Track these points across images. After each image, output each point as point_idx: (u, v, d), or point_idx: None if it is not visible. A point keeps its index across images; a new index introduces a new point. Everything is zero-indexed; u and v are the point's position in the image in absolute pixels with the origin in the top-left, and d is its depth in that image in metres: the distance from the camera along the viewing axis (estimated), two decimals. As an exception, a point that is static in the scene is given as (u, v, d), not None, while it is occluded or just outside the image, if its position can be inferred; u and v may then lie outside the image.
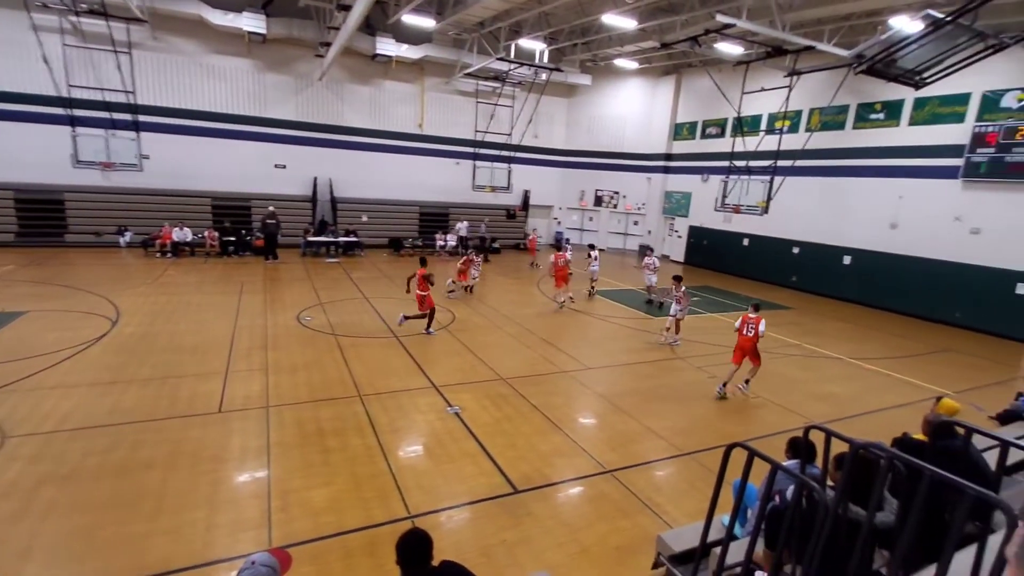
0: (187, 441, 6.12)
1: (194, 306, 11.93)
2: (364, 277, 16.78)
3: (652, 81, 25.39)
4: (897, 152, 16.75)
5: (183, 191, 19.62)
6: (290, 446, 6.18)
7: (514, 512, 5.22)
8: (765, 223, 19.27)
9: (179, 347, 9.21)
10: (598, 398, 8.42)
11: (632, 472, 6.16)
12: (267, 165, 20.97)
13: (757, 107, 19.55)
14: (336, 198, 22.05)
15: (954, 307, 15.24)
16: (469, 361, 9.62)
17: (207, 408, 7.00)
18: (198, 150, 19.71)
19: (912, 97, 15.82)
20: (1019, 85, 13.99)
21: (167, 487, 5.22)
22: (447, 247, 22.77)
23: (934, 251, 15.75)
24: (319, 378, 8.28)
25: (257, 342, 9.77)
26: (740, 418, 7.96)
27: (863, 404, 8.85)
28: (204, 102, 19.63)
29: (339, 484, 5.47)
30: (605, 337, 12.09)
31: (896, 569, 2.61)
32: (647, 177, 26.19)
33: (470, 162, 23.88)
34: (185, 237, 18.41)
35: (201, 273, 15.90)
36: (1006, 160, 14.13)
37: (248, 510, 4.97)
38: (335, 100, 21.78)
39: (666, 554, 4.30)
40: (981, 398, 9.07)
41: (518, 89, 23.14)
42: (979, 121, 14.76)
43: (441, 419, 7.18)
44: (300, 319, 11.47)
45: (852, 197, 18.03)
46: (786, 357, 11.26)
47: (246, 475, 5.60)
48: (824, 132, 18.27)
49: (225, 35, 18.80)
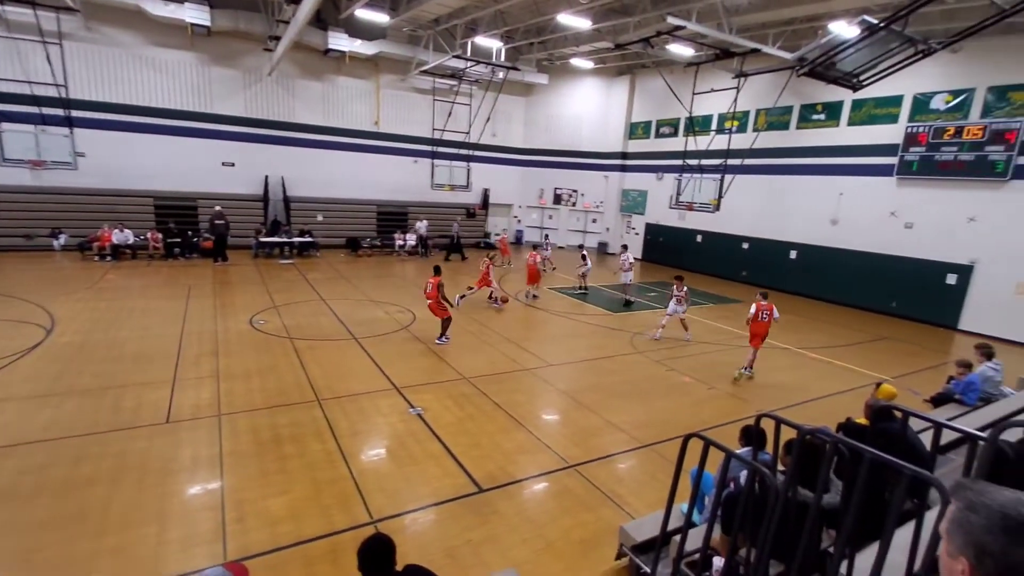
0: (132, 454, 5.81)
1: (137, 312, 11.33)
2: (320, 278, 16.36)
3: (607, 81, 25.80)
4: (837, 151, 17.65)
5: (123, 191, 18.56)
6: (245, 455, 5.96)
7: (479, 511, 5.22)
8: (717, 220, 19.95)
9: (121, 355, 8.72)
10: (560, 394, 8.50)
11: (594, 466, 6.26)
12: (214, 163, 20.10)
13: (708, 107, 20.19)
14: (289, 197, 21.38)
15: (891, 297, 16.21)
16: (431, 361, 9.53)
17: (154, 419, 6.66)
18: (139, 147, 18.69)
19: (850, 99, 16.70)
20: (946, 88, 14.99)
21: (112, 503, 4.95)
22: (406, 247, 22.48)
23: (872, 245, 16.71)
24: (274, 383, 8.02)
25: (207, 348, 9.36)
26: (697, 409, 8.21)
27: (810, 391, 9.29)
28: (145, 97, 18.62)
29: (298, 492, 5.32)
30: (567, 334, 12.22)
31: (842, 547, 2.76)
32: (604, 175, 26.62)
33: (428, 160, 23.65)
34: (126, 239, 17.45)
35: (144, 277, 15.11)
36: (935, 159, 15.12)
37: (201, 523, 4.77)
38: (286, 96, 21.10)
39: (628, 544, 4.40)
40: (916, 382, 9.69)
41: (475, 87, 23.07)
42: (911, 122, 15.73)
43: (403, 421, 7.09)
44: (253, 323, 11.07)
45: (796, 194, 18.88)
46: (738, 349, 11.68)
47: (198, 487, 5.37)
48: (770, 132, 19.05)
49: (166, 26, 17.87)
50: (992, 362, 7.62)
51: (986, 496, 0.99)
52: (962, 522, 1.00)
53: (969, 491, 1.02)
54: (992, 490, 0.99)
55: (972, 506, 0.99)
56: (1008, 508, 0.95)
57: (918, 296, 15.68)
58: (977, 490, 1.01)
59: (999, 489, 0.99)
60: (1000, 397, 7.36)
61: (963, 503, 1.01)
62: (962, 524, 1.00)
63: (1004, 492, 0.98)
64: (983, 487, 1.01)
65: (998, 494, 0.98)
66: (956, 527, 1.01)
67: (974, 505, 0.99)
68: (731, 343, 12.05)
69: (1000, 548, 0.93)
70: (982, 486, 1.01)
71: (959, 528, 1.00)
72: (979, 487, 1.01)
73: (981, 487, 1.01)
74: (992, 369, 7.56)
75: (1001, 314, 14.09)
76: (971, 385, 7.42)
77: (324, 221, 22.12)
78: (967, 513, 0.99)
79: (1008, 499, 0.96)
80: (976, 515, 0.98)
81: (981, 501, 0.99)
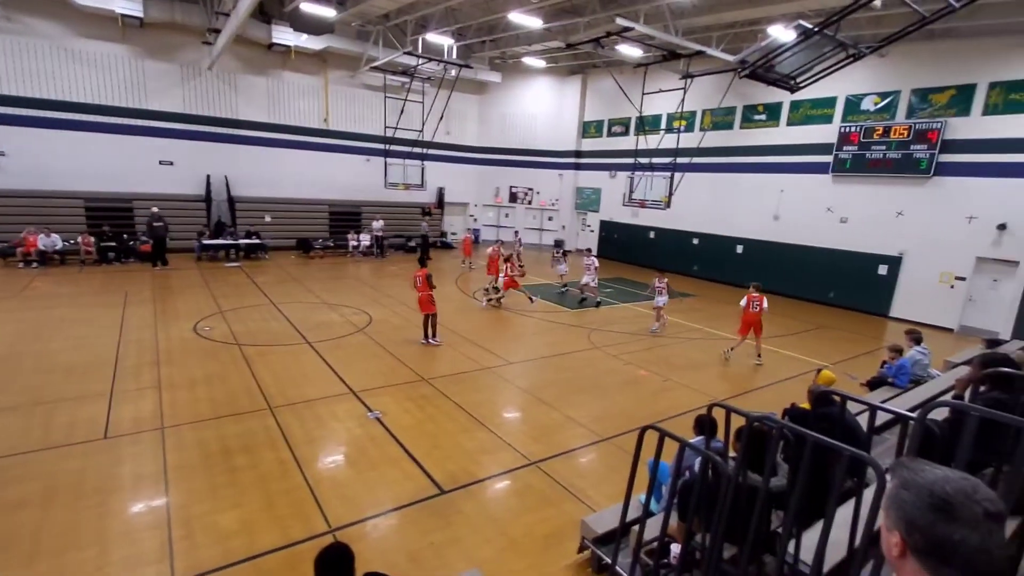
0: (66, 474, 5.43)
1: (68, 321, 10.59)
2: (270, 281, 15.78)
3: (560, 80, 26.06)
4: (778, 150, 18.51)
5: (49, 192, 17.31)
6: (192, 468, 5.68)
7: (442, 513, 5.17)
8: (668, 217, 20.53)
9: (51, 368, 8.13)
10: (521, 392, 8.54)
11: (556, 461, 6.32)
12: (151, 162, 19.02)
13: (657, 107, 20.71)
14: (234, 197, 20.48)
15: (829, 288, 17.15)
16: (388, 363, 9.37)
17: (89, 435, 6.24)
18: (67, 145, 17.46)
19: (789, 100, 17.53)
20: (875, 90, 15.98)
21: (44, 527, 4.60)
22: (360, 247, 21.99)
23: (811, 239, 17.63)
24: (222, 392, 7.67)
25: (147, 357, 8.86)
26: (653, 401, 8.43)
27: (758, 380, 9.72)
28: (73, 92, 17.41)
29: (250, 504, 5.11)
30: (525, 332, 12.28)
31: (789, 527, 2.89)
32: (559, 174, 26.89)
33: (381, 159, 23.19)
34: (54, 244, 16.26)
35: (76, 284, 14.15)
36: (866, 157, 16.09)
37: (145, 542, 4.51)
38: (229, 91, 20.20)
39: (590, 537, 4.47)
40: (854, 367, 10.29)
41: (428, 85, 22.79)
42: (844, 122, 16.68)
43: (361, 425, 6.94)
44: (198, 330, 10.56)
45: (741, 192, 19.69)
46: (689, 341, 12.09)
47: (140, 504, 5.07)
48: (716, 131, 19.76)
49: (95, 17, 16.77)
50: (920, 346, 8.18)
51: (917, 474, 1.05)
52: (896, 498, 1.06)
53: (905, 469, 1.08)
54: (925, 469, 1.05)
55: (905, 483, 1.05)
56: (935, 486, 1.01)
57: (853, 287, 16.66)
58: (912, 468, 1.07)
59: (932, 468, 1.05)
60: (928, 379, 7.91)
61: (898, 481, 1.07)
62: (895, 500, 1.06)
63: (935, 471, 1.04)
64: (917, 466, 1.07)
65: (929, 472, 1.04)
66: (891, 503, 1.07)
67: (907, 483, 1.05)
68: (684, 336, 12.43)
69: (926, 523, 0.99)
70: (917, 464, 1.07)
71: (893, 504, 1.06)
72: (914, 465, 1.07)
73: (916, 465, 1.07)
74: (920, 353, 8.12)
75: (927, 301, 15.17)
76: (902, 368, 7.94)
77: (272, 222, 21.34)
78: (900, 490, 1.06)
79: (936, 477, 1.02)
80: (907, 492, 1.04)
81: (912, 479, 1.05)
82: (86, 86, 17.62)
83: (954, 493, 0.98)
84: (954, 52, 14.41)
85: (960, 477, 1.02)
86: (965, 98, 14.28)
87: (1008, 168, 13.63)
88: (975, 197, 14.19)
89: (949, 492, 0.99)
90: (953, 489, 0.99)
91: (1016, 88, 13.47)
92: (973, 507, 0.96)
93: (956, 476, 1.02)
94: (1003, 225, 13.78)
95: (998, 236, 13.94)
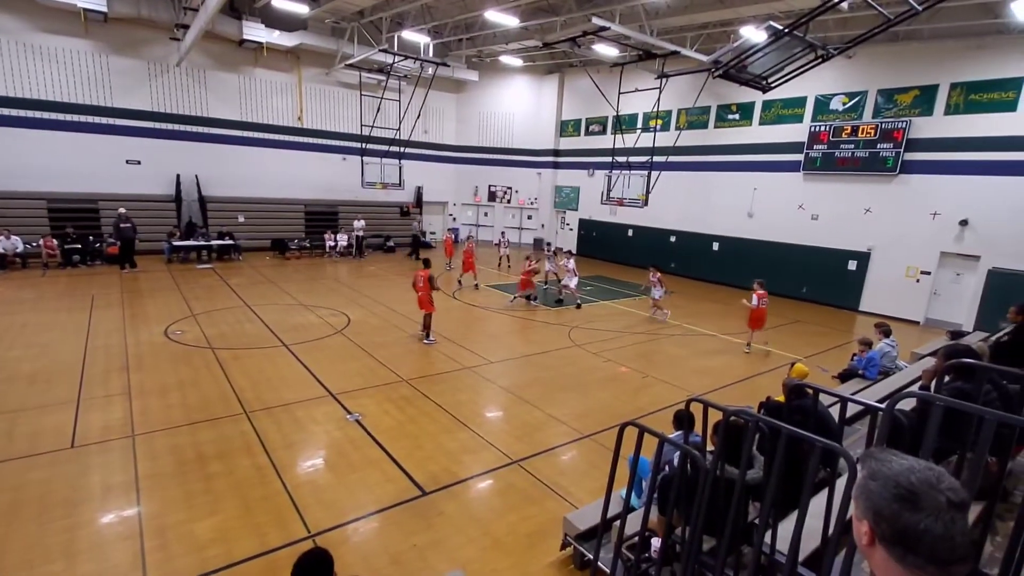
0: (30, 486, 5.23)
1: (31, 327, 10.21)
2: (244, 283, 15.46)
3: (537, 79, 26.11)
4: (751, 149, 18.87)
5: (9, 192, 16.65)
6: (164, 476, 5.53)
7: (424, 514, 5.14)
8: (646, 215, 20.77)
9: (13, 376, 7.83)
10: (502, 391, 8.54)
11: (537, 460, 6.34)
12: (117, 161, 18.44)
13: (633, 106, 20.90)
14: (205, 197, 20.01)
15: (802, 284, 17.56)
16: (367, 364, 9.26)
17: (55, 444, 6.03)
18: (26, 144, 16.82)
19: (761, 100, 17.88)
20: (843, 90, 16.40)
21: (8, 542, 4.43)
22: (337, 247, 21.70)
23: (783, 236, 18.03)
24: (196, 398, 7.49)
25: (116, 363, 8.60)
26: (633, 397, 8.51)
27: (735, 374, 9.89)
28: (33, 89, 16.78)
29: (226, 511, 5.00)
30: (505, 331, 12.29)
31: (765, 517, 2.95)
32: (537, 172, 26.94)
33: (358, 158, 22.92)
34: (14, 247, 15.64)
35: (39, 288, 13.64)
36: (835, 155, 16.51)
37: (116, 554, 4.37)
38: (198, 89, 19.71)
39: (572, 534, 4.50)
40: (826, 360, 10.57)
41: (404, 83, 22.60)
42: (813, 121, 17.09)
43: (340, 428, 6.85)
44: (169, 334, 10.29)
45: (716, 190, 20.02)
46: (668, 337, 12.25)
47: (111, 515, 4.92)
48: (691, 131, 20.06)
49: (56, 11, 16.18)
50: (889, 339, 8.44)
51: (884, 465, 1.08)
52: (864, 488, 1.09)
53: (873, 460, 1.11)
54: (892, 459, 1.08)
55: (872, 474, 1.09)
56: (900, 477, 1.04)
57: (825, 282, 17.10)
58: (879, 459, 1.10)
59: (899, 458, 1.08)
60: (897, 370, 8.17)
61: (867, 471, 1.10)
62: (864, 490, 1.09)
63: (901, 461, 1.07)
64: (885, 456, 1.10)
65: (895, 463, 1.07)
66: (860, 493, 1.11)
67: (874, 473, 1.08)
68: (664, 332, 12.58)
69: (891, 513, 1.02)
70: (885, 455, 1.10)
71: (862, 494, 1.10)
72: (882, 456, 1.10)
73: (884, 456, 1.10)
74: (889, 345, 8.38)
75: (894, 295, 15.66)
76: (872, 361, 8.18)
77: (246, 222, 20.89)
78: (868, 480, 1.09)
79: (902, 468, 1.05)
80: (875, 482, 1.07)
81: (879, 469, 1.08)
82: (48, 83, 17.00)
83: (918, 483, 1.01)
84: (917, 54, 14.89)
85: (925, 467, 1.04)
86: (928, 98, 14.77)
87: (969, 166, 14.14)
88: (939, 194, 14.69)
89: (913, 482, 1.02)
90: (917, 479, 1.02)
91: (976, 88, 13.99)
92: (937, 496, 0.99)
93: (921, 466, 1.05)
94: (965, 221, 14.29)
95: (960, 232, 14.46)
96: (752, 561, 2.91)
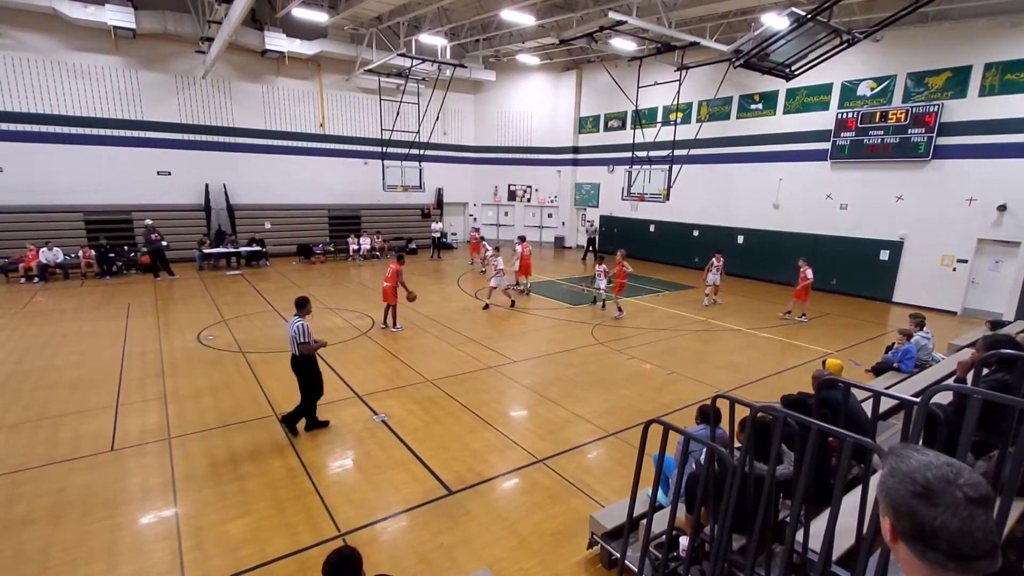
0: (73, 488, 5.45)
1: (72, 336, 10.62)
2: (271, 288, 15.80)
3: (555, 76, 26.01)
4: (775, 139, 18.43)
5: (49, 206, 17.36)
6: (200, 478, 5.70)
7: (451, 514, 5.18)
8: (667, 209, 20.48)
9: (55, 383, 8.16)
10: (525, 390, 8.54)
11: (562, 458, 6.32)
12: (148, 173, 19.05)
13: (652, 100, 20.69)
14: (233, 205, 20.51)
15: (831, 275, 17.08)
16: (392, 366, 9.37)
17: (96, 448, 6.27)
18: (64, 160, 17.50)
19: (785, 88, 17.45)
20: (871, 75, 15.89)
21: (53, 543, 4.62)
22: (361, 251, 22.01)
23: (811, 227, 17.56)
24: (228, 401, 7.70)
25: (151, 369, 8.89)
26: (658, 394, 8.42)
27: (762, 369, 9.69)
28: (68, 106, 17.45)
29: (259, 512, 5.13)
30: (528, 330, 12.27)
31: (796, 515, 2.89)
32: (557, 170, 26.84)
33: (379, 162, 23.23)
34: (55, 258, 16.30)
35: (78, 298, 14.19)
36: (864, 142, 16.02)
37: (155, 554, 4.53)
38: (224, 99, 20.22)
39: (599, 532, 4.47)
40: (858, 354, 10.27)
41: (422, 86, 22.80)
42: (840, 108, 16.60)
43: (367, 429, 6.95)
44: (201, 339, 10.58)
45: (739, 181, 19.62)
46: (692, 333, 12.07)
47: (150, 516, 5.09)
48: (712, 122, 19.69)
49: (87, 30, 16.80)
50: (924, 331, 8.16)
51: (903, 461, 1.07)
52: (885, 485, 1.09)
53: (895, 456, 1.10)
54: (911, 455, 1.07)
55: (892, 471, 1.08)
56: (916, 473, 1.03)
57: (855, 273, 16.60)
58: (900, 455, 1.09)
59: (919, 454, 1.07)
60: (933, 363, 7.89)
61: (888, 468, 1.09)
62: (884, 487, 1.09)
63: (920, 457, 1.06)
64: (906, 452, 1.09)
65: (913, 459, 1.06)
66: (881, 489, 1.10)
67: (894, 470, 1.07)
68: (688, 328, 12.40)
69: (909, 509, 1.02)
70: (906, 451, 1.09)
71: (883, 490, 1.09)
72: (904, 452, 1.09)
73: (904, 452, 1.09)
74: (924, 337, 8.10)
75: (929, 285, 15.12)
76: (907, 353, 7.92)
77: (272, 228, 21.36)
78: (888, 477, 1.08)
79: (919, 464, 1.04)
80: (893, 479, 1.06)
81: (898, 466, 1.07)
82: (81, 99, 17.66)
83: (934, 480, 1.01)
84: (948, 34, 14.33)
85: (944, 463, 1.03)
86: (961, 80, 14.21)
87: (1007, 149, 13.55)
88: (974, 179, 14.12)
89: (929, 478, 1.01)
90: (934, 476, 1.01)
91: (1012, 68, 13.39)
92: (954, 492, 0.98)
93: (940, 462, 1.03)
94: (1003, 206, 13.71)
95: (999, 217, 13.87)
96: (784, 560, 2.85)
